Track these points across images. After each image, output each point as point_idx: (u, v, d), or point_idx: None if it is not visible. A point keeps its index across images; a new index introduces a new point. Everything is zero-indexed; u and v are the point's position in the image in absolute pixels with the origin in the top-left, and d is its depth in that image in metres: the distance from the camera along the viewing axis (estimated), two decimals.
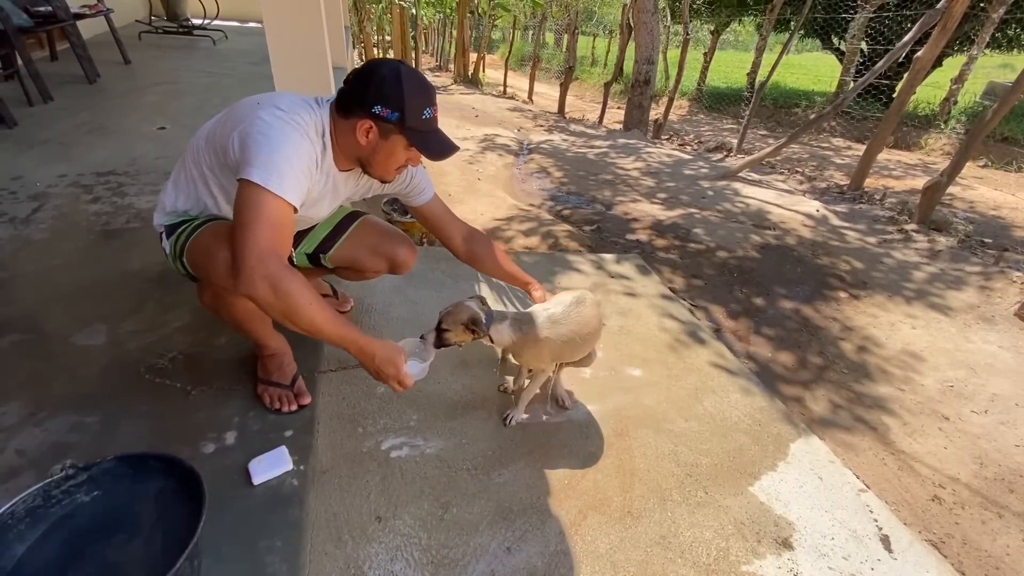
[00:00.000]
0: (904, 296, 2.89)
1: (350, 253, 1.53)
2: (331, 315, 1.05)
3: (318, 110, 1.15)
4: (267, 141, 1.02)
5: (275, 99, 1.11)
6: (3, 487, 1.12)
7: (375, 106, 1.09)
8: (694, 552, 1.25)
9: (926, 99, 8.48)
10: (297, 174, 1.04)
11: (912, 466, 1.79)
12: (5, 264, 1.88)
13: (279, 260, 0.99)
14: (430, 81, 1.15)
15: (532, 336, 1.36)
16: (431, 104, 1.14)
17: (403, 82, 1.08)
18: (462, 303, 1.33)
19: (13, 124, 3.02)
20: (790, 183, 5.15)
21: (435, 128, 1.18)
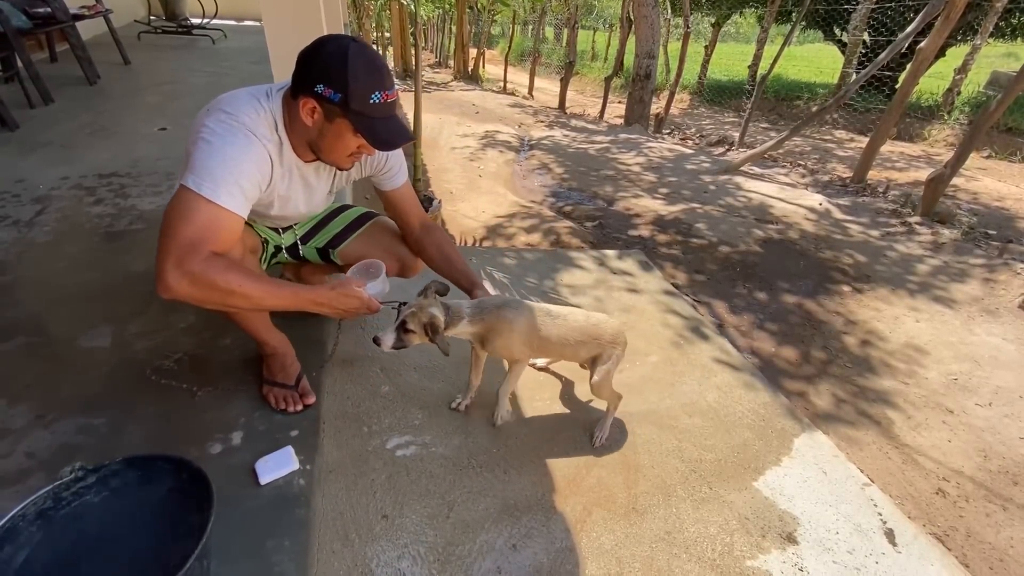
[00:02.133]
0: (908, 289, 2.88)
1: (361, 252, 1.53)
2: (269, 286, 1.05)
3: (268, 103, 1.11)
4: (206, 146, 1.01)
5: (223, 102, 1.08)
6: (13, 489, 1.14)
7: (318, 84, 1.02)
8: (699, 547, 1.25)
9: (929, 90, 8.43)
10: (237, 178, 1.02)
11: (916, 460, 1.79)
12: (10, 267, 1.89)
13: (198, 256, 0.97)
14: (384, 63, 1.07)
15: (497, 325, 1.30)
16: (382, 88, 1.05)
17: (348, 61, 1.00)
18: (424, 304, 1.26)
19: (15, 126, 3.03)
20: (792, 177, 5.13)
21: (387, 115, 1.09)
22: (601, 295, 2.27)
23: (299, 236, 1.53)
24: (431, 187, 4.04)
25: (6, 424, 1.29)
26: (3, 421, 1.30)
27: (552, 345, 1.40)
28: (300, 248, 1.54)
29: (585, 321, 1.41)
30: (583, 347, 1.41)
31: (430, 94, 9.03)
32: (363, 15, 12.03)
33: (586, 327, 1.40)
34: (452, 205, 3.70)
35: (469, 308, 1.31)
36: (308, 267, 1.74)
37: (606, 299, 2.25)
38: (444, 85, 11.01)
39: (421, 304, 1.25)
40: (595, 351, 1.42)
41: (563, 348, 1.41)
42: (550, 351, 1.45)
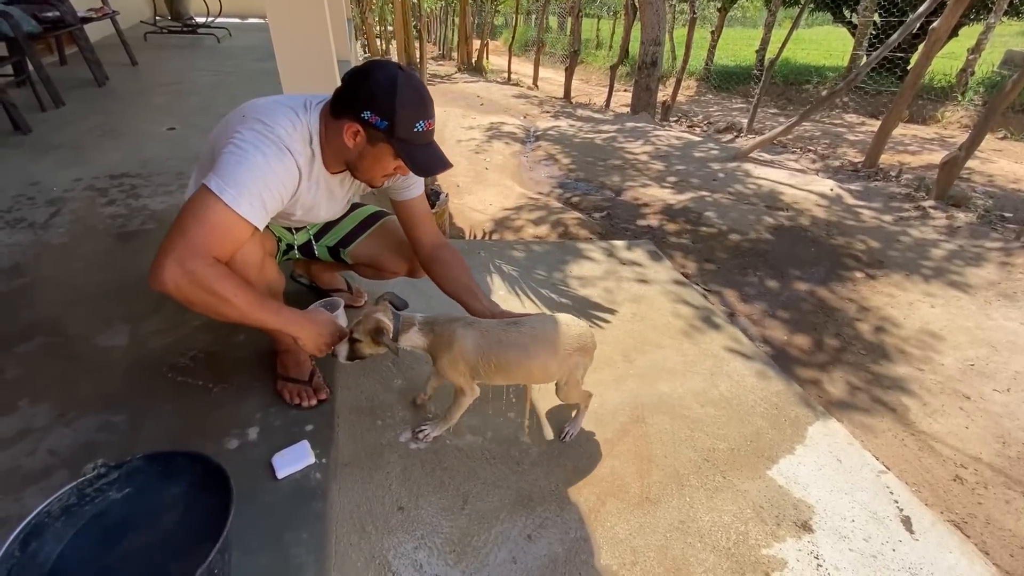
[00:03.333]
0: (922, 275, 2.84)
1: (370, 251, 1.54)
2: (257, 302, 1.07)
3: (304, 116, 1.13)
4: (238, 152, 1.02)
5: (261, 110, 1.10)
6: (37, 486, 1.16)
7: (365, 111, 1.06)
8: (713, 536, 1.25)
9: (942, 71, 8.24)
10: (260, 190, 1.04)
11: (933, 446, 1.77)
12: (28, 269, 1.92)
13: (202, 259, 0.99)
14: (428, 91, 1.11)
15: (445, 340, 1.24)
16: (426, 117, 1.09)
17: (397, 90, 1.03)
18: (371, 312, 1.22)
19: (28, 130, 3.06)
20: (803, 162, 5.06)
21: (427, 142, 1.13)
22: (611, 286, 2.27)
23: (312, 234, 1.53)
24: (437, 181, 4.04)
25: (29, 423, 1.32)
26: (26, 420, 1.32)
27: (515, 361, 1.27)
28: (314, 246, 1.55)
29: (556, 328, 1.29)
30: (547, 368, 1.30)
31: (434, 86, 9.01)
32: (366, 9, 11.99)
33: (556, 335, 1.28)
34: (459, 198, 3.70)
35: (421, 317, 1.28)
36: (318, 264, 1.75)
37: (615, 290, 2.24)
38: (448, 77, 10.97)
39: (367, 313, 1.23)
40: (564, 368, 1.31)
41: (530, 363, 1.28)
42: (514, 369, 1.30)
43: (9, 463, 1.21)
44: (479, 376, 1.30)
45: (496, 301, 2.05)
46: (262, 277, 1.28)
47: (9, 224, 2.17)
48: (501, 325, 1.27)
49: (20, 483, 1.17)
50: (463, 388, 1.31)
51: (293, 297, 1.86)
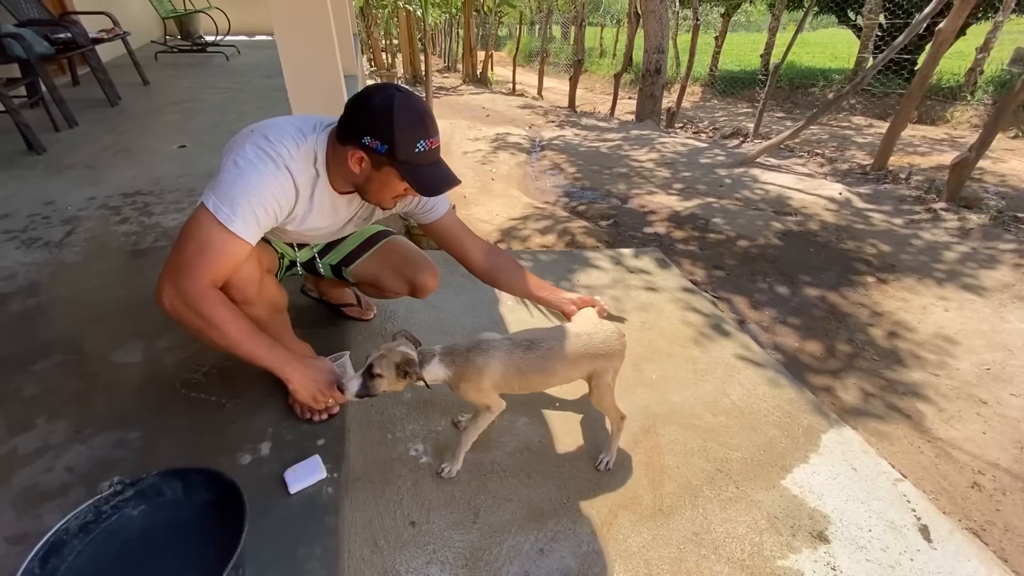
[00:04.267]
0: (935, 278, 2.81)
1: (372, 271, 1.55)
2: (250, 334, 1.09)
3: (312, 137, 1.14)
4: (234, 170, 1.05)
5: (267, 128, 1.12)
6: (55, 503, 1.18)
7: (365, 136, 1.06)
8: (728, 548, 1.24)
9: (950, 70, 8.19)
10: (254, 207, 1.05)
11: (950, 453, 1.75)
12: (44, 287, 1.96)
13: (197, 280, 1.02)
14: (428, 110, 1.10)
15: (465, 369, 1.22)
16: (426, 137, 1.08)
17: (395, 113, 1.03)
18: (392, 346, 1.19)
19: (42, 150, 3.13)
20: (810, 166, 5.04)
21: (432, 161, 1.12)
22: (619, 294, 2.26)
23: (316, 252, 1.55)
24: None
25: (47, 440, 1.34)
26: (44, 437, 1.35)
27: (536, 380, 1.31)
28: (318, 263, 1.57)
29: (573, 342, 1.29)
30: (575, 369, 1.31)
31: (440, 99, 9.09)
32: (371, 24, 12.17)
33: (573, 349, 1.28)
34: (466, 209, 3.72)
35: (440, 348, 1.25)
36: (327, 281, 1.76)
37: (623, 298, 2.24)
38: (453, 89, 11.07)
39: (390, 347, 1.18)
40: (589, 368, 1.32)
41: (550, 379, 1.32)
42: (536, 386, 1.35)
43: (28, 480, 1.23)
44: (499, 394, 1.30)
45: (503, 312, 2.06)
46: (262, 294, 1.30)
47: (25, 243, 2.22)
48: (520, 348, 1.26)
49: (39, 500, 1.19)
50: (489, 406, 1.30)
51: (305, 311, 1.88)
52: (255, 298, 1.28)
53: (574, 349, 1.28)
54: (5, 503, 1.17)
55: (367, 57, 12.45)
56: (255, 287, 1.26)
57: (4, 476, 1.24)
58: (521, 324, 1.99)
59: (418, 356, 1.19)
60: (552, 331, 1.32)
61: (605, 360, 1.32)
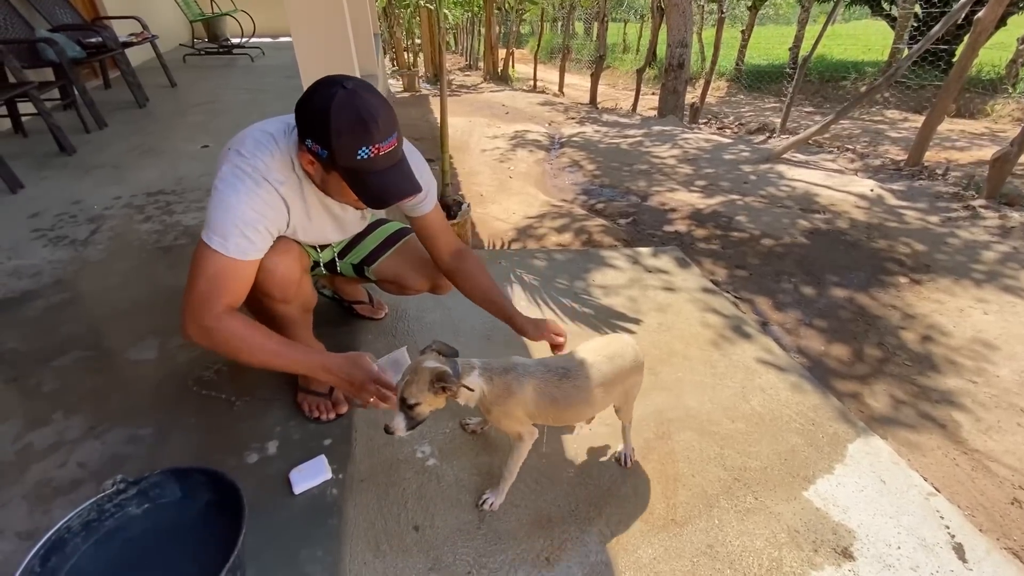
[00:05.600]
0: (973, 279, 2.66)
1: (394, 269, 1.54)
2: (279, 346, 1.06)
3: (284, 142, 1.09)
4: (216, 195, 1.03)
5: (241, 142, 1.08)
6: (67, 498, 1.19)
7: (308, 139, 1.00)
8: (744, 562, 1.18)
9: (990, 61, 7.82)
10: (242, 228, 1.03)
11: (988, 466, 1.64)
12: (69, 285, 2.00)
13: (211, 311, 1.02)
14: (377, 111, 0.97)
15: (500, 392, 1.14)
16: (370, 143, 0.97)
17: (331, 116, 0.94)
18: (418, 364, 1.08)
19: (72, 151, 3.22)
20: (840, 162, 4.86)
21: (380, 168, 1.01)
22: (635, 294, 2.21)
23: (336, 252, 1.54)
24: (461, 190, 4.05)
25: (62, 435, 1.36)
26: (59, 432, 1.37)
27: (573, 411, 1.23)
28: (337, 263, 1.56)
29: (608, 367, 1.21)
30: (610, 395, 1.24)
31: (460, 97, 9.09)
32: (394, 23, 12.25)
33: (609, 375, 1.21)
34: (482, 207, 3.70)
35: (480, 362, 1.16)
36: (342, 277, 1.76)
37: (640, 299, 2.18)
38: (474, 87, 11.06)
39: (415, 366, 1.07)
40: (622, 390, 1.27)
41: (589, 408, 1.24)
42: (572, 417, 1.28)
43: (41, 475, 1.25)
44: (532, 423, 1.22)
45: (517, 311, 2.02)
46: (299, 293, 1.31)
47: (52, 241, 2.28)
48: (554, 376, 1.17)
49: (51, 495, 1.21)
50: (521, 434, 1.21)
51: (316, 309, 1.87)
52: (292, 297, 1.29)
53: (609, 374, 1.20)
54: (18, 497, 1.19)
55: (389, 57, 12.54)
56: (294, 287, 1.27)
57: (19, 470, 1.26)
58: None
59: (455, 366, 1.10)
60: (582, 358, 1.22)
61: (636, 377, 1.28)
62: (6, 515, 1.16)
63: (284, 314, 1.32)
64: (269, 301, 1.26)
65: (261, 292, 1.23)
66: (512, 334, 1.92)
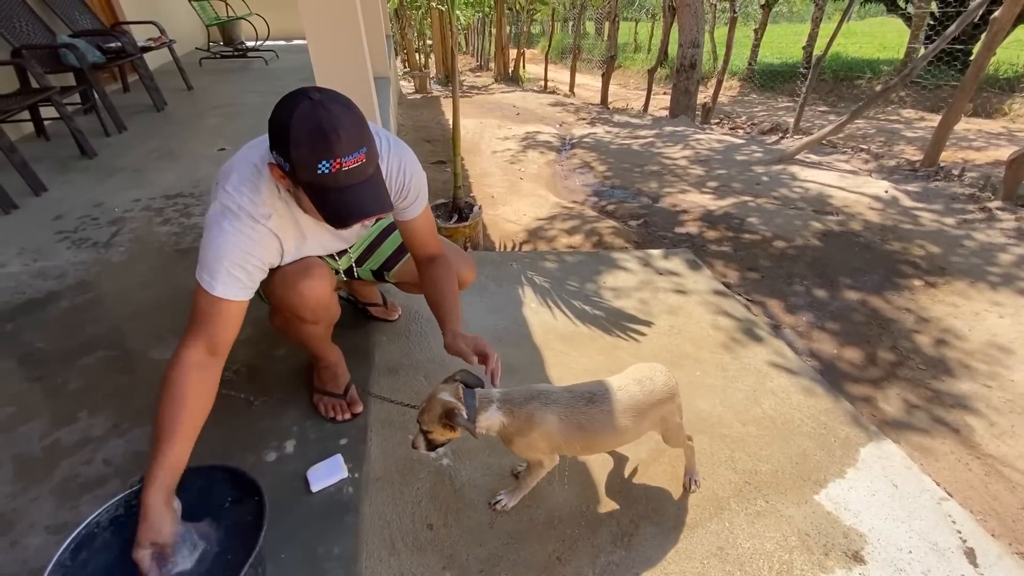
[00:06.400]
0: (989, 282, 2.63)
1: (414, 272, 1.56)
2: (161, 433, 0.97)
3: (266, 166, 1.06)
4: (206, 235, 1.05)
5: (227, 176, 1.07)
6: (93, 494, 1.23)
7: (273, 151, 0.96)
8: (754, 565, 1.19)
9: (1008, 60, 7.68)
10: (230, 268, 1.03)
11: (1001, 471, 1.63)
12: (91, 286, 2.06)
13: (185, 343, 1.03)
14: (340, 124, 0.91)
15: (522, 423, 1.11)
16: (330, 156, 0.91)
17: (291, 127, 0.89)
18: (435, 394, 1.08)
19: (93, 154, 3.30)
20: (854, 163, 4.82)
21: (342, 185, 0.95)
22: (646, 297, 2.21)
23: (353, 260, 1.57)
24: (472, 192, 4.08)
25: (87, 433, 1.40)
26: (85, 430, 1.41)
27: (603, 440, 1.18)
28: (355, 271, 1.59)
29: (638, 391, 1.17)
30: (645, 421, 1.18)
31: (471, 98, 9.12)
32: (405, 25, 12.32)
33: (641, 400, 1.16)
34: (493, 209, 3.72)
35: (499, 394, 1.14)
36: (359, 281, 1.78)
37: (651, 301, 2.19)
38: (485, 88, 11.09)
39: (432, 395, 1.08)
40: (657, 416, 1.21)
41: (620, 436, 1.18)
42: (601, 446, 1.23)
43: (69, 471, 1.30)
44: (557, 453, 1.20)
45: (526, 313, 2.04)
46: (327, 315, 1.34)
47: (75, 243, 2.34)
48: (581, 402, 1.14)
49: (78, 491, 1.25)
50: (541, 461, 1.20)
51: None
52: (322, 318, 1.32)
53: (639, 397, 1.16)
54: (46, 493, 1.24)
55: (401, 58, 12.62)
56: (324, 310, 1.30)
57: (47, 467, 1.31)
58: (544, 327, 1.97)
59: (472, 399, 1.10)
60: (609, 383, 1.18)
61: (671, 402, 1.22)
62: (35, 510, 1.20)
63: (311, 333, 1.37)
64: (300, 323, 1.31)
65: (294, 315, 1.27)
66: (523, 338, 1.95)
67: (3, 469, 1.30)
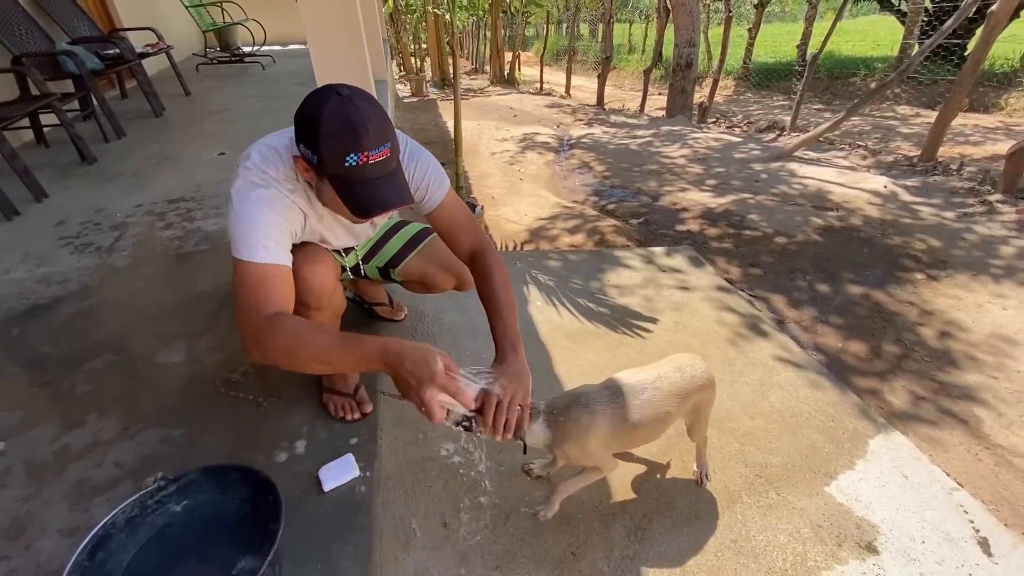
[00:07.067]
0: (991, 274, 2.64)
1: (420, 269, 1.56)
2: (337, 340, 0.98)
3: (288, 154, 1.10)
4: (233, 213, 1.05)
5: (247, 157, 1.09)
6: (104, 497, 1.23)
7: (300, 144, 0.99)
8: (768, 557, 1.19)
9: (1004, 55, 7.72)
10: (265, 232, 1.03)
11: (1011, 461, 1.64)
12: (95, 291, 2.05)
13: (256, 317, 0.99)
14: (369, 119, 0.95)
15: (569, 429, 1.10)
16: (359, 150, 0.94)
17: (321, 122, 0.93)
18: None
19: (93, 160, 3.29)
20: (852, 159, 4.84)
21: (368, 178, 0.98)
22: (650, 294, 2.22)
23: (360, 257, 1.57)
24: (473, 193, 4.08)
25: (97, 436, 1.40)
26: (94, 433, 1.41)
27: (648, 429, 1.16)
28: (362, 268, 1.59)
29: (678, 377, 1.18)
30: (685, 403, 1.20)
31: (468, 100, 9.14)
32: (400, 29, 12.35)
33: (681, 384, 1.18)
34: (494, 210, 3.72)
35: (543, 406, 1.12)
36: (364, 280, 1.79)
37: (656, 298, 2.19)
38: (481, 91, 11.11)
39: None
40: (695, 402, 1.22)
41: (664, 423, 1.18)
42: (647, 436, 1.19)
43: (79, 474, 1.29)
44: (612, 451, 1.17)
45: (532, 312, 2.05)
46: (332, 301, 1.33)
47: (78, 249, 2.33)
48: (622, 395, 1.13)
49: (90, 494, 1.24)
50: (599, 467, 1.18)
51: None
52: (327, 305, 1.31)
53: (683, 385, 1.18)
54: (59, 496, 1.23)
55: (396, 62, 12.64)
56: (328, 296, 1.30)
57: (58, 470, 1.30)
58: (550, 324, 1.98)
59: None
60: (649, 372, 1.19)
61: (708, 392, 1.24)
62: (48, 513, 1.20)
63: (320, 322, 1.35)
64: (304, 309, 1.29)
65: (297, 301, 1.25)
66: (529, 335, 1.95)
67: (14, 473, 1.30)
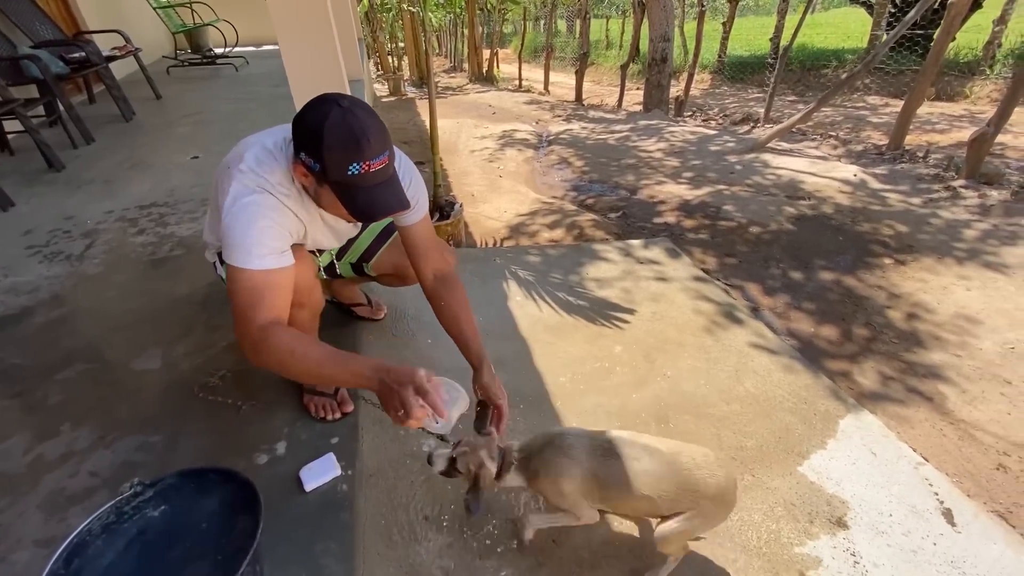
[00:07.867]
0: (955, 257, 2.74)
1: (392, 261, 1.57)
2: (330, 355, 1.02)
3: (282, 155, 1.11)
4: (228, 217, 1.05)
5: (240, 159, 1.09)
6: (80, 506, 1.22)
7: (301, 152, 1.02)
8: (743, 536, 1.23)
9: (967, 44, 7.94)
10: (260, 239, 1.05)
11: (973, 435, 1.70)
12: (66, 299, 2.02)
13: (252, 325, 1.02)
14: (369, 129, 0.99)
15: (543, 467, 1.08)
16: (361, 159, 0.99)
17: (324, 132, 0.96)
18: (478, 445, 1.09)
19: (61, 167, 3.22)
20: (823, 149, 4.94)
21: (369, 184, 1.03)
22: (629, 286, 2.25)
23: (334, 254, 1.57)
24: (452, 191, 4.08)
25: (71, 446, 1.38)
26: (68, 443, 1.39)
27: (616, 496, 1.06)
28: (336, 266, 1.59)
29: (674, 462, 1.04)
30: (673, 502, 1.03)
31: (446, 99, 9.11)
32: (376, 28, 12.23)
33: (678, 476, 1.03)
34: (474, 207, 3.73)
35: (517, 450, 1.12)
36: (338, 281, 1.79)
37: (634, 289, 2.22)
38: (459, 89, 11.08)
39: (476, 446, 1.09)
40: (688, 506, 1.03)
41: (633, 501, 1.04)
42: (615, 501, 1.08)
43: (54, 485, 1.27)
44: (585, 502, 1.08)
45: (512, 307, 2.06)
46: (311, 299, 1.33)
47: (48, 258, 2.28)
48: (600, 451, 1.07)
49: (65, 504, 1.23)
50: (575, 514, 1.10)
51: None
52: (307, 302, 1.32)
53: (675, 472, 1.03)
54: (33, 507, 1.21)
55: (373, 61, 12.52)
56: (307, 293, 1.30)
57: (31, 482, 1.28)
58: (530, 319, 2.00)
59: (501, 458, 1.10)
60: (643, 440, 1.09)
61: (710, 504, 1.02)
62: (22, 525, 1.18)
63: (297, 319, 1.34)
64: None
65: None
66: (510, 330, 1.97)
67: None
